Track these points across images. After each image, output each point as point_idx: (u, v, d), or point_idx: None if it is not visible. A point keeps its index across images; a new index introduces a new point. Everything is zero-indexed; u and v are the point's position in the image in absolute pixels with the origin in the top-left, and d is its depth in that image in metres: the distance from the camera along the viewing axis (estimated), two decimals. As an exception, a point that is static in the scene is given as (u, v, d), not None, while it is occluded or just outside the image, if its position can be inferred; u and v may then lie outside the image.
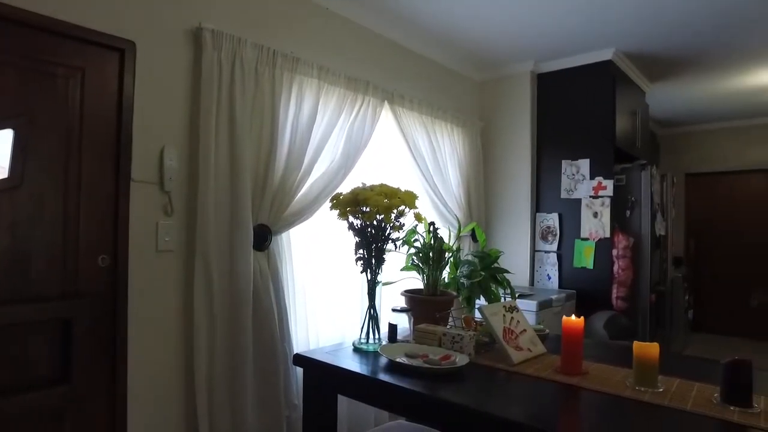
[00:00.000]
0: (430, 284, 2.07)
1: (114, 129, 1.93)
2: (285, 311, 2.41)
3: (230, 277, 2.21)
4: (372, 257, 1.87)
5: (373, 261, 1.88)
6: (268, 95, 2.36)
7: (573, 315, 1.56)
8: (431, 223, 2.14)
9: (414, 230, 2.13)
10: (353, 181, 2.29)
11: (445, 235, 2.25)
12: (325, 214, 2.34)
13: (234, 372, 2.19)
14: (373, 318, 1.89)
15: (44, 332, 1.77)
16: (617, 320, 3.42)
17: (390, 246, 1.89)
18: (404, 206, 1.84)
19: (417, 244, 2.15)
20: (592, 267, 3.67)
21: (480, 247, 2.78)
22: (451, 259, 2.41)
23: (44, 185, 1.76)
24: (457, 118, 3.75)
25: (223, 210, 2.20)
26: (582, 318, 1.55)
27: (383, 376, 1.54)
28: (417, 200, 1.89)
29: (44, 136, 1.76)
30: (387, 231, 1.86)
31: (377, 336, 1.88)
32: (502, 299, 2.40)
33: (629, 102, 3.99)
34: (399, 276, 2.27)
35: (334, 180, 2.63)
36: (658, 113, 5.52)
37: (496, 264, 2.45)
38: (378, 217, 1.81)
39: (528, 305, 3.11)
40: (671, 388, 1.39)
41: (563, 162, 3.83)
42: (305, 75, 2.53)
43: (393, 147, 3.22)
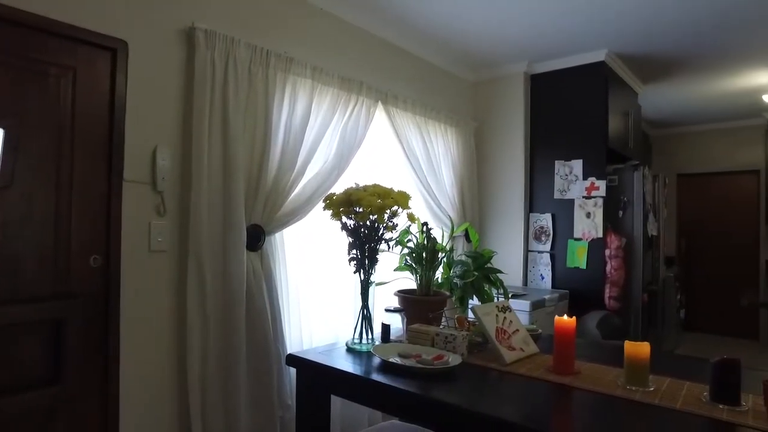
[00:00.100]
0: (423, 284, 2.08)
1: (106, 128, 1.92)
2: (278, 311, 2.41)
3: (223, 278, 2.21)
4: (365, 257, 1.88)
5: (366, 261, 1.88)
6: (262, 95, 2.35)
7: (565, 315, 1.57)
8: (424, 224, 2.15)
9: (407, 230, 2.13)
10: (347, 182, 2.29)
11: (439, 236, 2.26)
12: (319, 215, 2.34)
13: (227, 372, 2.19)
14: (367, 318, 1.89)
15: (36, 333, 1.75)
16: (610, 320, 3.44)
17: (383, 246, 1.89)
18: (397, 206, 1.84)
19: (410, 245, 2.15)
20: (585, 267, 3.69)
21: (473, 247, 2.79)
22: (444, 260, 2.41)
23: (35, 185, 1.74)
24: (451, 119, 3.76)
25: (216, 210, 2.20)
26: (574, 318, 1.56)
27: (376, 376, 1.55)
28: (410, 200, 1.90)
29: (35, 136, 1.74)
30: (380, 231, 1.86)
31: (370, 336, 1.89)
32: (495, 299, 2.41)
33: (622, 103, 4.01)
34: (392, 276, 2.27)
35: (328, 180, 2.63)
36: (651, 114, 5.56)
37: (489, 264, 2.46)
38: (371, 218, 1.82)
39: (521, 305, 3.13)
40: (662, 387, 1.41)
41: (556, 162, 3.85)
42: (299, 75, 2.53)
43: (387, 147, 3.23)
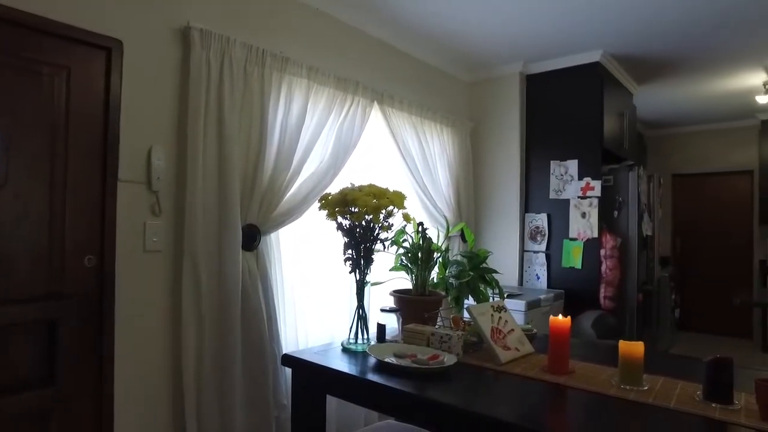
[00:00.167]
0: (419, 284, 2.08)
1: (101, 128, 1.92)
2: (274, 311, 2.40)
3: (219, 278, 2.20)
4: (361, 257, 1.88)
5: (362, 261, 1.88)
6: (257, 95, 2.35)
7: (560, 315, 1.57)
8: (420, 224, 2.15)
9: (403, 230, 2.13)
10: (342, 182, 2.29)
11: (434, 235, 2.26)
12: (315, 215, 2.34)
13: (222, 372, 2.19)
14: (362, 318, 1.89)
15: (30, 333, 1.74)
16: (605, 320, 3.46)
17: (378, 246, 1.90)
18: (393, 206, 1.84)
19: (406, 245, 2.16)
20: (581, 267, 3.70)
21: (469, 247, 2.80)
22: (440, 259, 2.42)
23: (29, 184, 1.74)
24: (447, 119, 3.77)
25: (212, 210, 2.19)
26: (569, 318, 1.56)
27: (372, 376, 1.55)
28: (406, 200, 1.90)
29: (29, 135, 1.74)
30: (376, 231, 1.86)
31: (366, 336, 1.89)
32: (491, 299, 2.42)
33: (617, 103, 4.03)
34: (388, 276, 2.27)
35: (324, 180, 2.63)
36: (646, 115, 5.58)
37: (485, 264, 2.47)
38: (367, 218, 1.82)
39: (517, 305, 3.14)
40: (656, 387, 1.41)
41: (552, 162, 3.86)
42: (294, 75, 2.53)
43: (382, 147, 3.23)
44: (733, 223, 6.04)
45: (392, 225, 1.89)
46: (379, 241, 1.88)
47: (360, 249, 1.87)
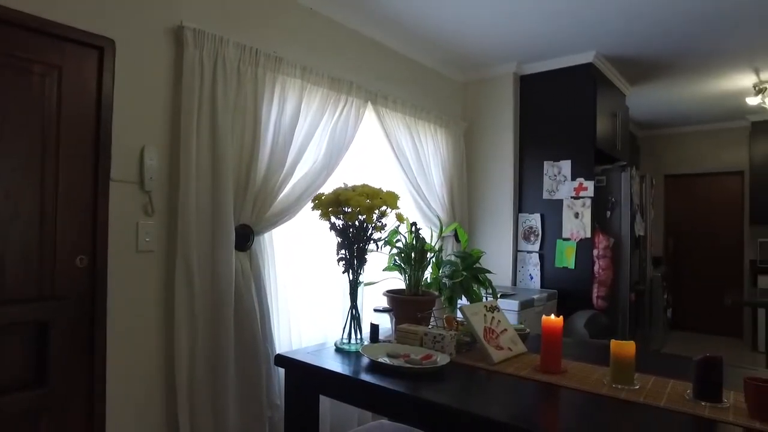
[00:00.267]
0: (412, 284, 2.09)
1: (93, 128, 1.91)
2: (267, 311, 2.40)
3: (212, 278, 2.20)
4: (354, 257, 1.88)
5: (355, 261, 1.88)
6: (251, 95, 2.35)
7: (553, 314, 1.58)
8: (413, 224, 2.16)
9: (396, 230, 2.14)
10: (336, 182, 2.29)
11: (428, 235, 2.27)
12: (308, 215, 2.34)
13: (215, 372, 2.18)
14: (355, 318, 1.89)
15: (20, 334, 1.73)
16: (598, 319, 3.48)
17: (372, 246, 1.90)
18: (386, 206, 1.85)
19: (399, 245, 2.16)
20: (574, 267, 3.72)
21: (462, 247, 2.80)
22: (433, 260, 2.42)
23: (20, 184, 1.72)
24: (441, 119, 3.77)
25: (205, 210, 2.19)
26: (561, 317, 1.57)
27: (365, 376, 1.55)
28: (399, 200, 1.90)
29: (19, 134, 1.72)
30: (369, 231, 1.86)
31: (359, 336, 1.89)
32: (484, 299, 2.42)
33: (610, 104, 4.05)
34: (381, 276, 2.27)
35: (317, 180, 2.63)
36: (638, 115, 5.62)
37: (478, 264, 2.47)
38: (360, 218, 1.82)
39: (510, 305, 3.15)
40: (647, 385, 1.42)
41: (545, 163, 3.88)
42: (288, 75, 2.53)
43: (376, 148, 3.23)
44: (725, 224, 6.09)
45: (385, 225, 1.89)
46: (373, 241, 1.89)
47: (353, 249, 1.87)
